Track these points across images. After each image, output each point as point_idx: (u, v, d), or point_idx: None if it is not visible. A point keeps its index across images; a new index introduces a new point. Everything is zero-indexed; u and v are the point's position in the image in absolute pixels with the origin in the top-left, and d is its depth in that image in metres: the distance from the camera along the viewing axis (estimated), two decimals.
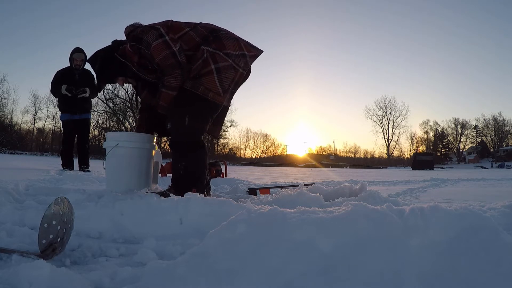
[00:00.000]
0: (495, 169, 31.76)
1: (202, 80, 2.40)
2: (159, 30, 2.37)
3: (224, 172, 5.89)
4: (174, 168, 2.53)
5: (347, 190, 2.88)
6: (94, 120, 44.67)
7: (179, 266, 0.94)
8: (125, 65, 2.55)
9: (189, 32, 2.46)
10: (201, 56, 2.40)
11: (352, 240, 0.90)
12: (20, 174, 4.65)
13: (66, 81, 5.91)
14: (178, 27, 2.46)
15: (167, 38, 2.35)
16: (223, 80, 2.42)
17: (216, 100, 2.45)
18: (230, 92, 2.54)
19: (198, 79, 2.40)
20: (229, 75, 2.44)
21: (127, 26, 2.52)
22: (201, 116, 2.49)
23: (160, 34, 2.35)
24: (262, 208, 1.13)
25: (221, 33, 2.50)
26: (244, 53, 2.51)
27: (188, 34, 2.45)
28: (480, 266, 0.83)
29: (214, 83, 2.40)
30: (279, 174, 11.15)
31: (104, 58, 2.57)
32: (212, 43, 2.43)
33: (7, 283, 0.91)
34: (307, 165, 47.16)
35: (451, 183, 6.33)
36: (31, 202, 2.07)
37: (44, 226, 1.10)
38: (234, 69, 2.45)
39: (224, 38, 2.47)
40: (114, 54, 2.55)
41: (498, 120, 62.80)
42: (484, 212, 1.83)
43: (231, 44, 2.46)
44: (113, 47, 2.59)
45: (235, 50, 2.47)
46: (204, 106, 2.48)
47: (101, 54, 2.59)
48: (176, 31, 2.43)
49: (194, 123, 2.45)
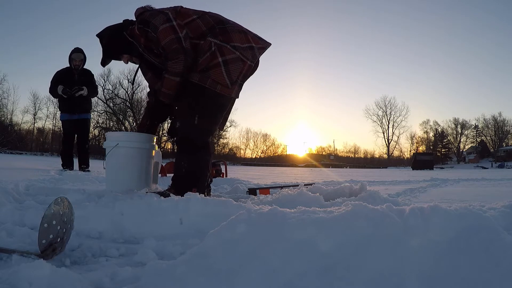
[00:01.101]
0: (495, 169, 31.77)
1: (210, 73, 2.40)
2: (168, 14, 2.40)
3: (224, 172, 5.89)
4: (177, 166, 2.53)
5: (347, 190, 2.88)
6: (94, 120, 44.74)
7: (179, 266, 0.94)
8: (132, 44, 2.57)
9: (196, 19, 2.47)
10: (208, 49, 2.40)
11: (352, 240, 0.90)
12: (20, 174, 4.65)
13: (65, 81, 5.90)
14: (186, 13, 2.49)
15: (174, 24, 2.37)
16: (230, 72, 2.42)
17: (224, 92, 2.45)
18: (238, 84, 2.54)
19: (206, 72, 2.41)
20: (237, 67, 2.44)
21: (138, 8, 2.55)
22: (211, 117, 2.51)
23: (168, 18, 2.38)
24: (262, 208, 1.13)
25: (228, 25, 2.49)
26: (252, 45, 2.50)
27: (195, 22, 2.46)
28: (480, 266, 0.83)
29: (221, 75, 2.40)
30: (279, 174, 11.15)
31: (113, 34, 2.60)
32: (219, 35, 2.43)
33: (7, 283, 0.91)
34: (307, 165, 47.18)
35: (451, 183, 6.33)
36: (31, 202, 2.07)
37: (44, 226, 1.10)
38: (242, 61, 2.45)
39: (231, 31, 2.46)
40: (123, 32, 2.57)
41: (498, 120, 62.84)
42: (484, 212, 1.83)
43: (238, 36, 2.46)
44: (123, 25, 2.61)
45: (242, 42, 2.46)
46: (215, 105, 2.49)
47: (110, 30, 2.62)
48: (183, 17, 2.46)
49: (203, 124, 2.46)
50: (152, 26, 2.40)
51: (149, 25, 2.41)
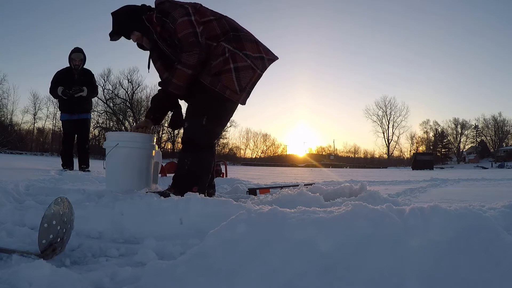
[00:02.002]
0: (495, 169, 31.76)
1: (221, 77, 2.45)
2: (187, 9, 2.45)
3: (224, 172, 5.89)
4: (179, 165, 2.54)
5: (347, 190, 2.88)
6: (94, 120, 44.76)
7: (179, 266, 0.94)
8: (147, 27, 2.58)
9: (213, 21, 2.53)
10: (221, 54, 2.46)
11: (352, 240, 0.90)
12: (20, 174, 4.65)
13: (65, 81, 5.90)
14: (204, 12, 2.54)
15: (193, 19, 2.42)
16: (241, 79, 2.47)
17: (233, 98, 2.50)
18: (247, 91, 2.59)
19: (217, 76, 2.46)
20: (247, 75, 2.50)
21: None
22: (219, 120, 2.56)
23: (187, 12, 2.43)
24: (262, 208, 1.13)
25: (242, 33, 2.55)
26: (263, 55, 2.57)
27: (212, 23, 2.52)
28: (480, 266, 0.83)
29: (232, 81, 2.46)
30: (279, 174, 11.15)
31: (131, 10, 2.61)
32: (233, 42, 2.49)
33: (7, 283, 0.91)
34: (307, 165, 47.19)
35: (451, 183, 6.33)
36: (31, 202, 2.07)
37: (44, 226, 1.10)
38: (252, 69, 2.52)
39: (244, 39, 2.53)
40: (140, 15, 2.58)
41: (498, 120, 62.87)
42: (484, 212, 1.83)
43: (250, 46, 2.53)
44: (142, 8, 2.61)
45: (254, 52, 2.53)
46: (223, 109, 2.55)
47: (129, 6, 2.63)
48: (201, 16, 2.50)
49: (210, 126, 2.50)
50: (171, 18, 2.44)
51: (168, 16, 2.45)
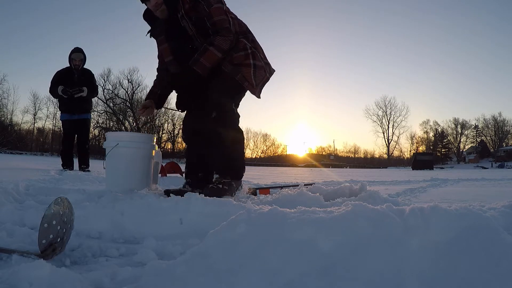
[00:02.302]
0: (495, 169, 31.77)
1: (242, 68, 2.55)
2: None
3: None
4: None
5: (347, 190, 2.87)
6: (94, 120, 44.75)
7: (179, 266, 0.94)
8: None
9: (236, 18, 2.65)
10: (243, 49, 2.56)
11: (352, 240, 0.90)
12: (20, 174, 4.65)
13: (64, 82, 5.90)
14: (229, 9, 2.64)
15: (225, 8, 2.55)
16: (257, 76, 2.61)
17: (250, 90, 2.62)
18: (259, 88, 2.70)
19: (238, 66, 2.54)
20: (261, 74, 2.64)
21: None
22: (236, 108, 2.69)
23: (221, 1, 2.53)
24: (262, 208, 1.13)
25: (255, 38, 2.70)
26: (268, 62, 2.74)
27: (236, 20, 2.64)
28: (480, 266, 0.83)
29: (250, 75, 2.57)
30: (279, 174, 11.14)
31: None
32: (251, 42, 2.63)
33: (7, 283, 0.91)
34: (307, 165, 47.19)
35: (451, 183, 6.32)
36: (31, 202, 2.07)
37: (44, 226, 1.10)
38: (265, 71, 2.67)
39: (258, 44, 2.69)
40: None
41: (498, 120, 62.89)
42: (484, 212, 1.83)
43: (262, 51, 2.70)
44: None
45: (264, 57, 2.70)
46: (240, 97, 2.70)
47: None
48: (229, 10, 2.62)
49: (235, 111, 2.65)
50: (206, 1, 2.47)
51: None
